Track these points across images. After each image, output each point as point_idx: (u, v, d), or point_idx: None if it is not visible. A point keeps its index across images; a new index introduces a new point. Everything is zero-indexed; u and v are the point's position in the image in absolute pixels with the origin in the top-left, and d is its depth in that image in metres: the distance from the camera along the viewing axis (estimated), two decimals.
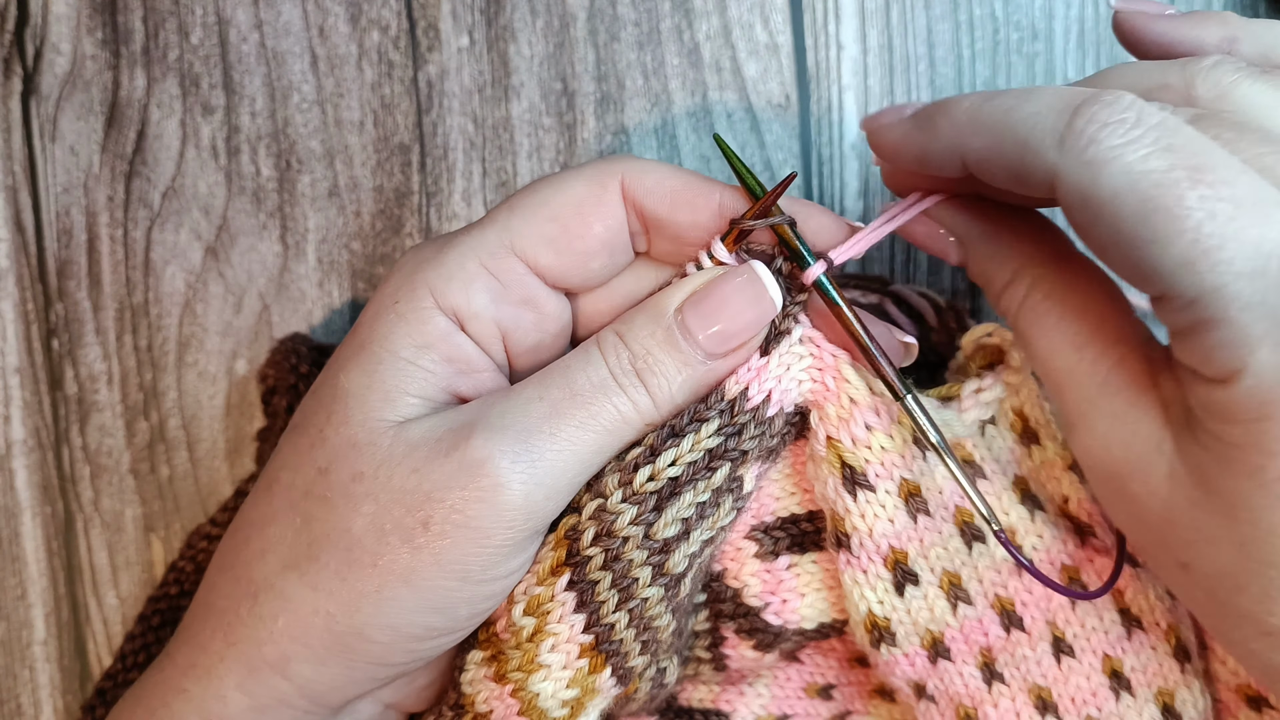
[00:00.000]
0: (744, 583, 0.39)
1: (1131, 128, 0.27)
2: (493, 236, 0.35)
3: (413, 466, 0.33)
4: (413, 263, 0.36)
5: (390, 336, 0.34)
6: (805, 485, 0.39)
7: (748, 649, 0.40)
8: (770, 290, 0.35)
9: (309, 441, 0.35)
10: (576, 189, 0.36)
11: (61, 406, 0.48)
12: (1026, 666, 0.37)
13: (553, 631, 0.35)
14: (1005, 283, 0.33)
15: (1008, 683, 0.37)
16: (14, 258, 0.48)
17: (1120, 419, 0.31)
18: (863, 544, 0.37)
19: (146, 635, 0.46)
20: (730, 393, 0.35)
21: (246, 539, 0.35)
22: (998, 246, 0.34)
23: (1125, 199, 0.27)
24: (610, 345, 0.35)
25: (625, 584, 0.34)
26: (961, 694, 0.38)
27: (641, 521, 0.34)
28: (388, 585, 0.33)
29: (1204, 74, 0.31)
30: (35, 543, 0.48)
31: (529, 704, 0.35)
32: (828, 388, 0.36)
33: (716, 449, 0.35)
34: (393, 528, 0.33)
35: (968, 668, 0.38)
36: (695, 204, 0.36)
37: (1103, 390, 0.31)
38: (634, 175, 0.36)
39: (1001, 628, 0.37)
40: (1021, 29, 0.48)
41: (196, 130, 0.47)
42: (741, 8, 0.47)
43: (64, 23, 0.47)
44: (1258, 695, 0.39)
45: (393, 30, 0.47)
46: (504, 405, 0.34)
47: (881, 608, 0.37)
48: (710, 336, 0.35)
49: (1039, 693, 0.37)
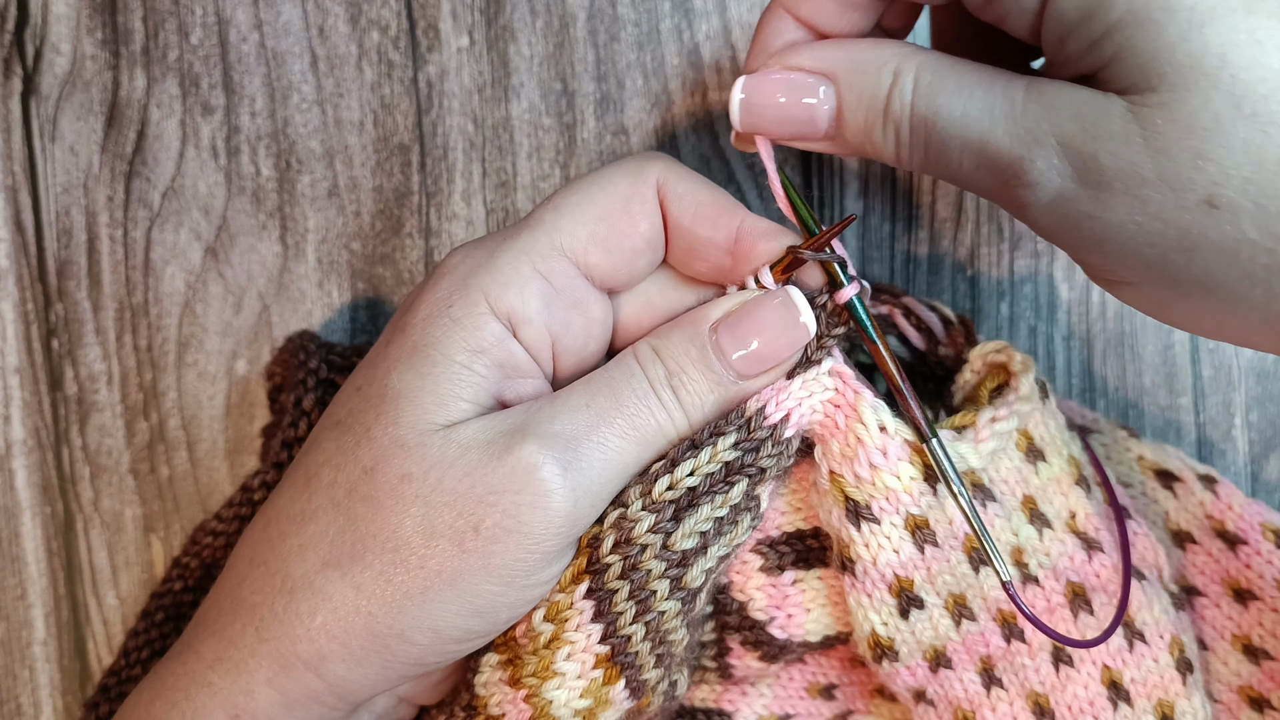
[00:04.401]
0: (750, 596, 0.39)
1: None
2: (543, 238, 0.35)
3: (464, 470, 0.33)
4: (465, 266, 0.35)
5: (445, 340, 0.34)
6: (809, 503, 0.39)
7: (753, 660, 0.40)
8: (805, 317, 0.35)
9: (354, 440, 0.34)
10: (621, 186, 0.36)
11: (61, 406, 0.48)
12: (1025, 674, 0.37)
13: (569, 639, 0.35)
14: (888, 86, 0.33)
15: (1006, 688, 0.37)
16: (14, 258, 0.48)
17: (1061, 108, 0.30)
18: (867, 571, 0.37)
19: (150, 631, 0.45)
20: (749, 409, 0.35)
21: (282, 533, 0.35)
22: (868, 58, 0.33)
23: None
24: (647, 359, 0.35)
25: (643, 596, 0.35)
26: (960, 699, 0.38)
27: (659, 530, 0.34)
28: (433, 588, 0.33)
29: None
30: (35, 543, 0.48)
31: (541, 711, 0.35)
32: (837, 425, 0.36)
33: (734, 463, 0.35)
34: (443, 530, 0.33)
35: (967, 674, 0.38)
36: (717, 221, 0.36)
37: (1029, 104, 0.31)
38: (668, 177, 0.36)
39: (1002, 638, 0.37)
40: None
41: (196, 130, 0.47)
42: (741, 8, 0.47)
43: (64, 23, 0.47)
44: (1259, 696, 0.40)
45: (393, 30, 0.47)
46: (552, 411, 0.34)
47: (885, 629, 0.37)
48: (743, 357, 0.35)
49: (1036, 699, 0.37)
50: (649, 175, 0.36)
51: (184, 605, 0.46)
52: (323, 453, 0.35)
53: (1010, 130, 0.31)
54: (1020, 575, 0.37)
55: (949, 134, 0.32)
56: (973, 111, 0.31)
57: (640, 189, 0.36)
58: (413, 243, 0.48)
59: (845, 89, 0.34)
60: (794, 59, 0.34)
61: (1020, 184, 0.31)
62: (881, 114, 0.33)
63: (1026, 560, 0.37)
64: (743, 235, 0.36)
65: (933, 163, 0.33)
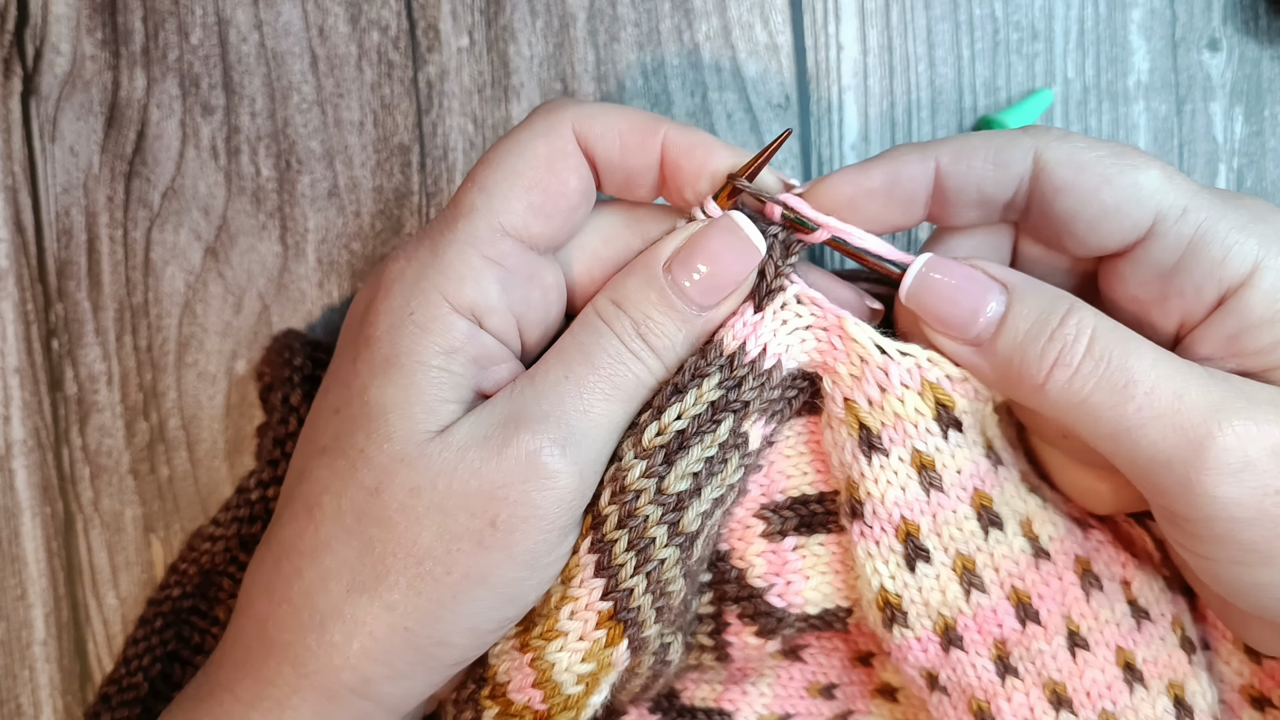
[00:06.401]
0: (749, 563, 0.39)
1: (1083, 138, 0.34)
2: (482, 224, 0.35)
3: (470, 471, 0.33)
4: (412, 270, 0.35)
5: (416, 348, 0.34)
6: (818, 466, 0.39)
7: (750, 635, 0.40)
8: (751, 236, 0.35)
9: (348, 463, 0.34)
10: (538, 148, 0.35)
11: (61, 407, 0.48)
12: (1042, 660, 0.37)
13: (573, 596, 0.35)
14: (1066, 310, 0.33)
15: (1022, 677, 0.37)
16: (14, 258, 0.48)
17: (1251, 392, 0.31)
18: (875, 511, 0.37)
19: (151, 639, 0.45)
20: (728, 348, 0.36)
21: (297, 569, 0.34)
22: (1044, 285, 0.34)
23: (1103, 150, 0.33)
24: (611, 314, 0.35)
25: (642, 545, 0.35)
26: (974, 686, 0.38)
27: (652, 475, 0.35)
28: (464, 589, 0.33)
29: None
30: (35, 543, 0.48)
31: (544, 675, 0.36)
32: (835, 346, 0.36)
33: (719, 401, 0.36)
34: (461, 533, 0.33)
35: (980, 659, 0.38)
36: (645, 145, 0.36)
37: (1217, 376, 0.32)
38: (583, 122, 0.36)
39: (1017, 620, 0.37)
40: (1021, 29, 0.48)
41: (196, 130, 0.47)
42: (741, 8, 0.47)
43: (64, 23, 0.47)
44: (1261, 695, 0.39)
45: (393, 30, 0.47)
46: (535, 392, 0.34)
47: (893, 583, 0.37)
48: (699, 289, 0.35)
49: (1054, 687, 0.37)
50: (563, 128, 0.36)
51: (183, 612, 0.46)
52: (317, 482, 0.35)
53: (1205, 388, 0.31)
54: (1033, 549, 0.37)
55: (1132, 377, 0.31)
56: (1165, 360, 0.31)
57: (559, 144, 0.35)
58: None
59: (1018, 298, 0.34)
60: (979, 260, 0.35)
61: (1208, 438, 0.30)
62: (1048, 332, 0.33)
63: (1037, 532, 0.37)
64: (667, 150, 0.36)
65: (1090, 400, 0.32)
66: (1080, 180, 0.33)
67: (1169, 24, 0.48)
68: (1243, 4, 0.48)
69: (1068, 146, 0.34)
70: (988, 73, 0.48)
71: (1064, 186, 0.33)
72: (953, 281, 0.34)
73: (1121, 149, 0.33)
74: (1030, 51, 0.48)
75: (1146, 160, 0.33)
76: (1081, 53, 0.48)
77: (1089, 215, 0.33)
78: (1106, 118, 0.48)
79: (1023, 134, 0.34)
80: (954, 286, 0.34)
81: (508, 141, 0.36)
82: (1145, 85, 0.48)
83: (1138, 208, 0.33)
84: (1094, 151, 0.33)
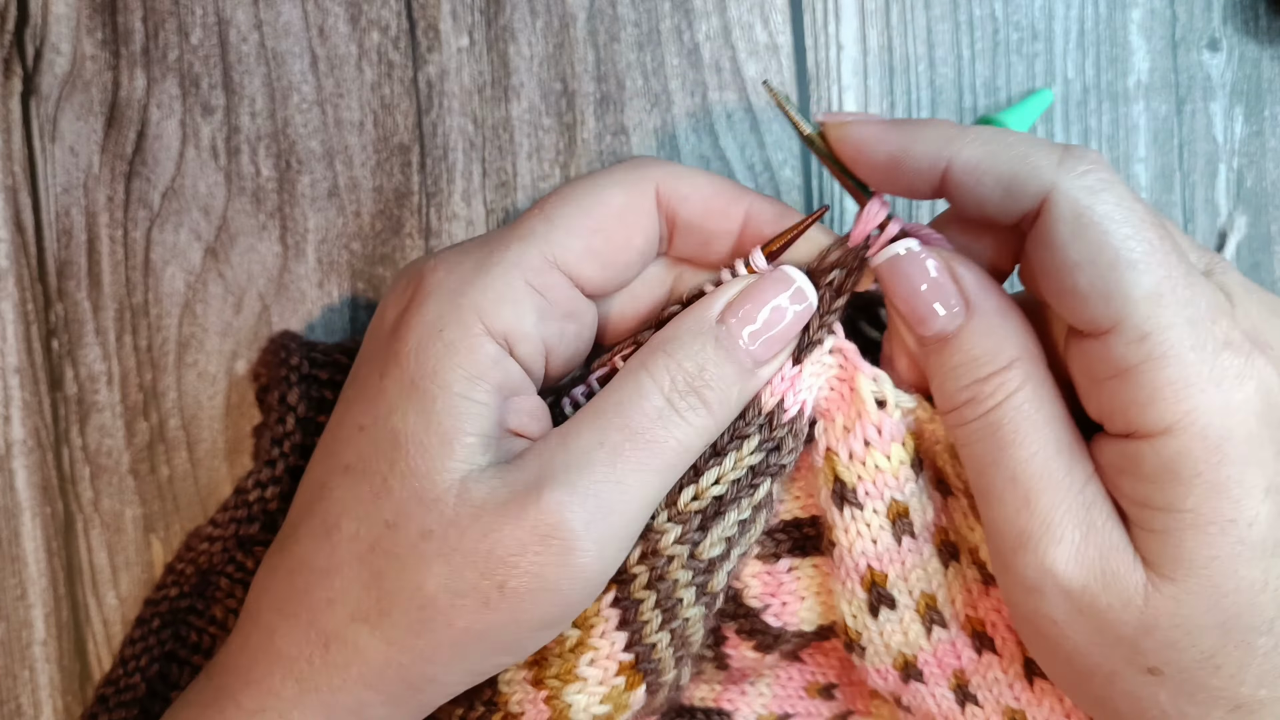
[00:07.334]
0: (745, 583, 0.39)
1: (1114, 173, 0.31)
2: (534, 251, 0.34)
3: (483, 531, 0.32)
4: (451, 282, 0.34)
5: (440, 370, 0.33)
6: (809, 490, 0.39)
7: (748, 649, 0.40)
8: (805, 288, 0.35)
9: (371, 490, 0.33)
10: (616, 198, 0.35)
11: (61, 407, 0.48)
12: (999, 689, 0.37)
13: (594, 645, 0.35)
14: (1000, 368, 0.33)
15: (981, 705, 0.37)
16: (14, 258, 0.48)
17: (1096, 530, 0.31)
18: (843, 558, 0.36)
19: (148, 639, 0.45)
20: (767, 405, 0.35)
21: (308, 586, 0.34)
22: (1003, 325, 0.33)
23: (1118, 224, 0.30)
24: (661, 369, 0.34)
25: (670, 604, 0.34)
26: (935, 713, 0.38)
27: (687, 541, 0.34)
28: (463, 642, 0.33)
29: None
30: (35, 543, 0.48)
31: (560, 714, 0.35)
32: (842, 398, 0.36)
33: (759, 465, 0.35)
34: (468, 590, 0.32)
35: (940, 689, 0.37)
36: (728, 211, 0.36)
37: (1080, 499, 0.32)
38: (669, 182, 0.35)
39: (974, 650, 0.37)
40: (1021, 29, 0.48)
41: (196, 130, 0.47)
42: (741, 8, 0.47)
43: (64, 23, 0.47)
44: None
45: (393, 30, 0.47)
46: (566, 458, 0.33)
47: (855, 622, 0.37)
48: (757, 339, 0.34)
49: (1012, 715, 0.37)
50: (646, 185, 0.35)
51: (180, 612, 0.46)
52: (339, 503, 0.34)
53: (1048, 509, 0.32)
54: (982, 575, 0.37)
55: (1004, 456, 0.32)
56: (1039, 462, 0.32)
57: (637, 199, 0.35)
58: (413, 243, 0.48)
59: (969, 329, 0.33)
60: (960, 266, 0.34)
61: (1021, 549, 0.32)
62: (974, 380, 0.33)
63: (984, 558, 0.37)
64: (750, 220, 0.36)
65: (972, 450, 0.33)
66: (1071, 249, 0.30)
67: (1169, 24, 0.48)
68: (1243, 4, 0.48)
69: (1084, 202, 0.30)
70: (988, 73, 0.48)
71: (1056, 245, 0.31)
72: (923, 279, 0.34)
73: (1141, 233, 0.30)
74: (1030, 51, 0.48)
75: (1151, 262, 0.30)
76: (1081, 53, 0.48)
77: (1061, 286, 0.31)
78: (1106, 118, 0.48)
79: (1052, 165, 0.31)
80: (919, 284, 0.34)
81: (586, 181, 0.35)
82: (1145, 85, 0.48)
83: (1104, 307, 0.30)
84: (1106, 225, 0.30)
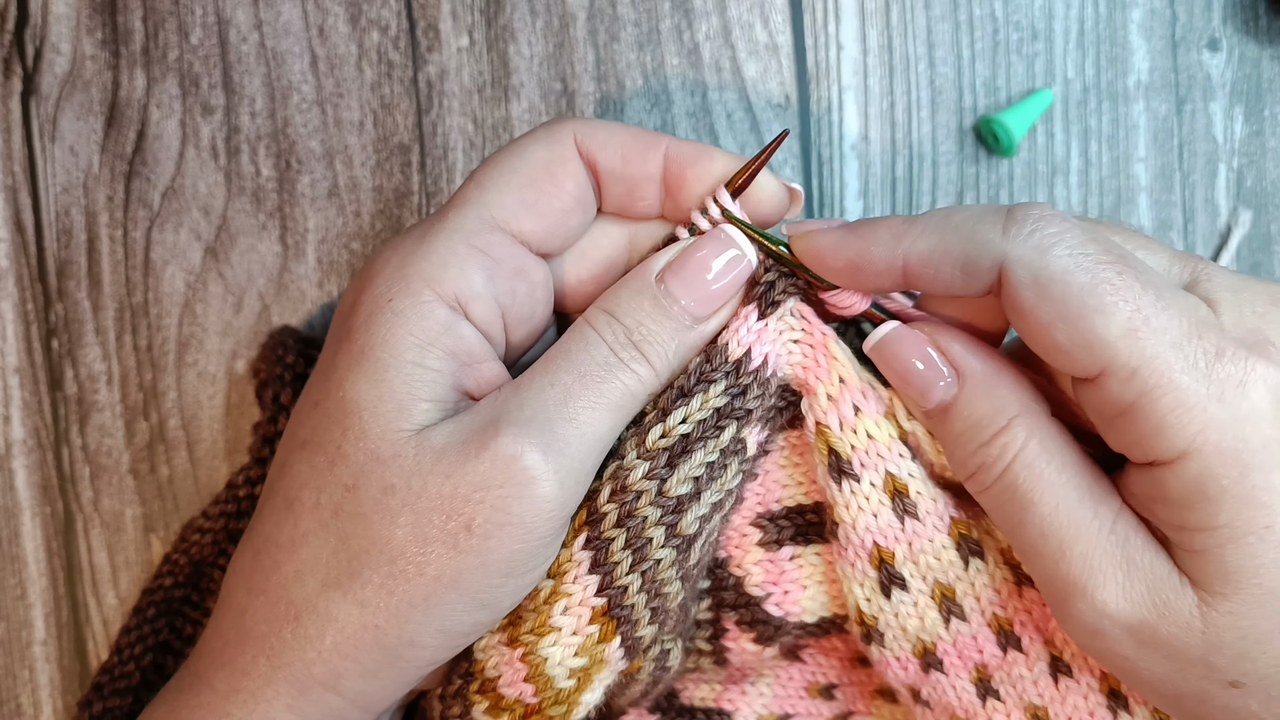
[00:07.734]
0: (747, 571, 0.39)
1: (1061, 221, 0.32)
2: (472, 214, 0.35)
3: (445, 473, 0.33)
4: (397, 258, 0.35)
5: (390, 339, 0.34)
6: (812, 476, 0.39)
7: (748, 641, 0.40)
8: (744, 248, 0.36)
9: (326, 459, 0.34)
10: (539, 152, 0.36)
11: (61, 406, 0.48)
12: (1023, 686, 0.37)
13: (567, 592, 0.35)
14: (1000, 428, 0.33)
15: (1003, 699, 0.37)
16: (14, 258, 0.48)
17: (1137, 565, 0.32)
18: (849, 536, 0.37)
19: (143, 628, 0.46)
20: (733, 354, 0.36)
21: (275, 562, 0.34)
22: (996, 385, 0.34)
23: (1074, 275, 0.31)
24: (603, 323, 0.35)
25: (639, 544, 0.35)
26: (955, 706, 0.38)
27: (654, 477, 0.35)
28: (435, 592, 0.33)
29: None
30: (35, 543, 0.48)
31: (536, 669, 0.36)
32: (818, 364, 0.36)
33: (724, 408, 0.36)
34: (435, 534, 0.33)
35: (961, 681, 0.38)
36: (646, 155, 0.37)
37: (1113, 538, 0.32)
38: (584, 130, 0.36)
39: (998, 647, 0.37)
40: (1021, 29, 0.48)
41: (196, 130, 0.47)
42: (741, 8, 0.47)
43: (64, 23, 0.47)
44: None
45: (393, 30, 0.47)
46: (519, 398, 0.34)
47: (869, 606, 0.37)
48: (692, 298, 0.35)
49: (1035, 712, 0.37)
50: (564, 135, 0.36)
51: (175, 601, 0.46)
52: (298, 476, 0.35)
53: (1086, 553, 0.32)
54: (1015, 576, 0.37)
55: (1028, 515, 0.33)
56: (1063, 512, 0.32)
57: (559, 150, 0.36)
58: None
59: (964, 396, 0.34)
60: (943, 336, 0.35)
61: (1071, 598, 0.32)
62: (977, 444, 0.33)
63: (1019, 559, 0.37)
64: (670, 163, 0.36)
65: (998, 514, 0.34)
66: (1039, 311, 0.31)
67: (1169, 24, 0.48)
68: (1243, 4, 0.48)
69: (1038, 264, 0.31)
70: (988, 72, 0.48)
71: (1024, 310, 0.31)
72: (915, 356, 0.35)
73: (1099, 276, 0.30)
74: (1030, 51, 0.48)
75: (1117, 301, 0.30)
76: (1081, 52, 0.48)
77: (1043, 344, 0.32)
78: (1106, 118, 0.48)
79: (998, 236, 0.32)
80: (913, 361, 0.35)
81: (510, 146, 0.37)
82: (1145, 85, 0.48)
83: (1087, 355, 0.31)
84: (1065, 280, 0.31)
